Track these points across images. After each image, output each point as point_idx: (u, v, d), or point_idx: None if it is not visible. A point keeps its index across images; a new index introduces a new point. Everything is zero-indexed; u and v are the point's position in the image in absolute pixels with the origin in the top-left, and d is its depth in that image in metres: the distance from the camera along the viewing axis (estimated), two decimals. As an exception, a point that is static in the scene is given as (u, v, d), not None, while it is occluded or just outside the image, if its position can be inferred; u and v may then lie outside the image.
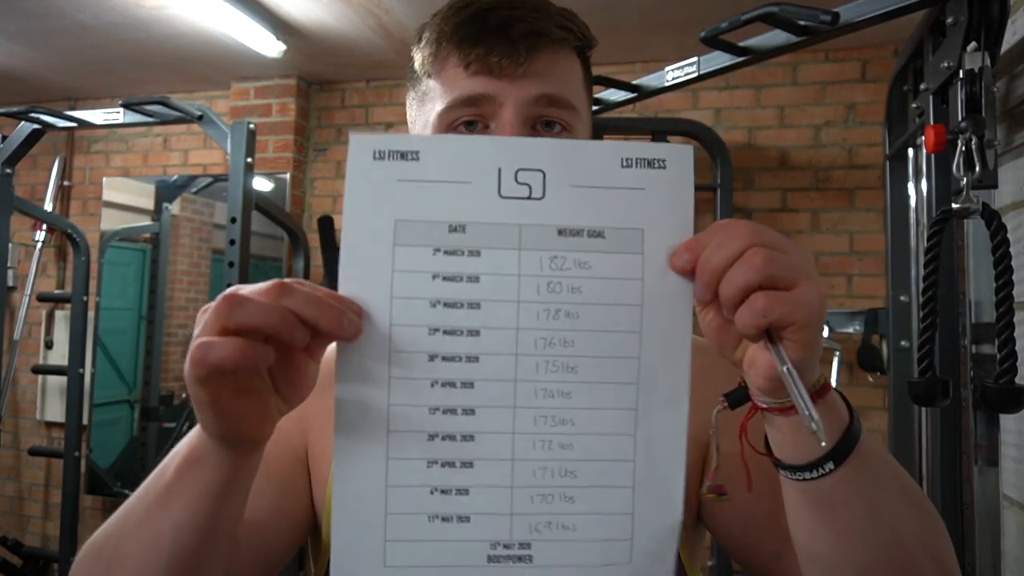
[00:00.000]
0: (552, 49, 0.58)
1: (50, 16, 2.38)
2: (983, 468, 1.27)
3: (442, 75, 0.59)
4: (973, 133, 1.16)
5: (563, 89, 0.58)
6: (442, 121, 0.59)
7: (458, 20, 0.58)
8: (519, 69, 0.56)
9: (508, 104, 0.57)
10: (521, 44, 0.56)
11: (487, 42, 0.56)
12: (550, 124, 0.59)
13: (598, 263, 0.44)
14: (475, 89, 0.57)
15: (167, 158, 3.22)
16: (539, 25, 0.57)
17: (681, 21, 2.27)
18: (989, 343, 1.31)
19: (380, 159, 0.43)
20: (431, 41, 0.60)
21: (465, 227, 0.43)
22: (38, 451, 2.86)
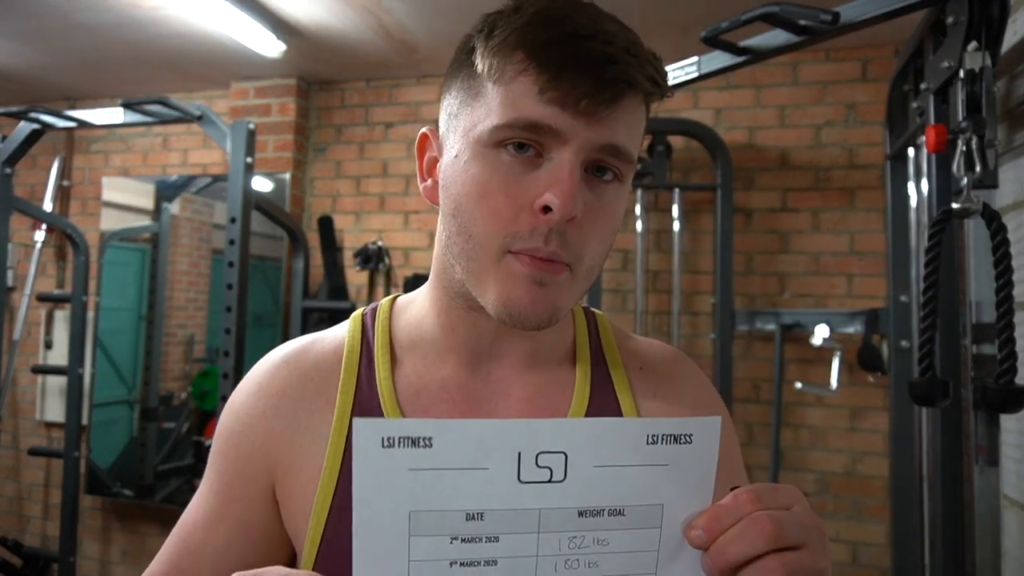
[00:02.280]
0: (634, 98, 0.53)
1: (49, 16, 2.38)
2: (983, 468, 1.27)
3: (509, 86, 0.52)
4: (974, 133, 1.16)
5: (630, 141, 0.54)
6: (493, 136, 0.53)
7: (548, 36, 0.51)
8: (597, 114, 0.51)
9: (573, 144, 0.52)
10: (609, 90, 0.51)
11: (573, 76, 0.50)
12: (602, 170, 0.54)
13: (616, 539, 0.44)
14: (544, 117, 0.51)
15: (167, 158, 3.22)
16: (632, 73, 0.51)
17: (681, 21, 2.27)
18: (989, 343, 1.31)
19: (389, 446, 0.40)
20: (507, 43, 0.52)
21: (483, 515, 0.42)
22: (38, 451, 2.86)
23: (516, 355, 0.63)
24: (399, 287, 2.84)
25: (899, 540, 2.11)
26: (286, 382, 0.63)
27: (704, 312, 2.54)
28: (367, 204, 2.93)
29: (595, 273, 0.58)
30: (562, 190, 0.51)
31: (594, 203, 0.54)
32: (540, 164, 0.53)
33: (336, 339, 0.66)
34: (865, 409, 2.36)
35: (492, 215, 0.53)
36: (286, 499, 0.61)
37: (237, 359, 2.00)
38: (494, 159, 0.53)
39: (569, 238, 0.53)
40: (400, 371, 0.63)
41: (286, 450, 0.61)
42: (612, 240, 0.58)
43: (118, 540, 3.15)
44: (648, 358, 0.68)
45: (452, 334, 0.63)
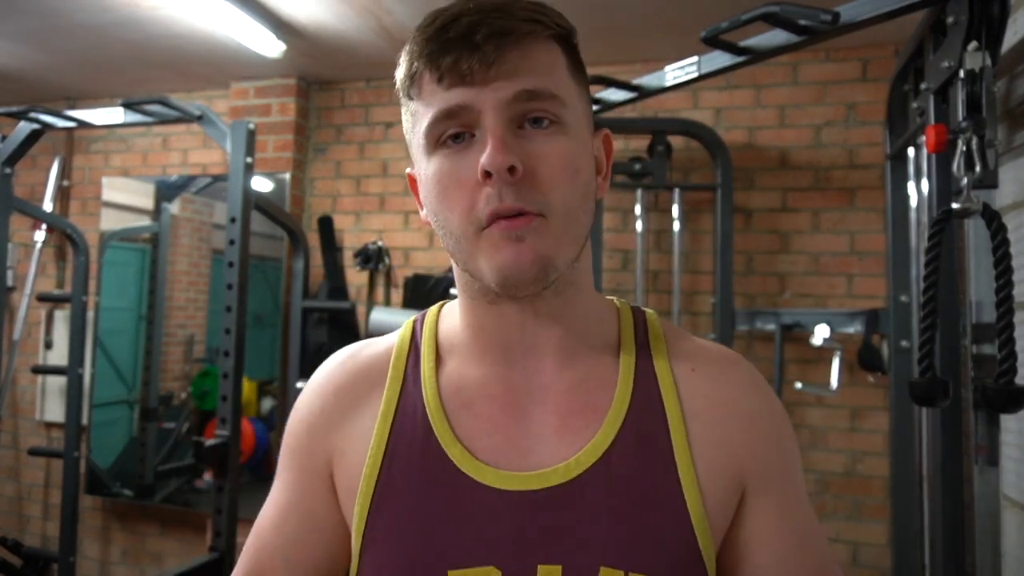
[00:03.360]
0: (523, 45, 0.57)
1: (49, 16, 2.38)
2: (983, 468, 1.27)
3: (422, 94, 0.59)
4: (974, 133, 1.16)
5: (542, 81, 0.57)
6: (430, 139, 0.58)
7: (425, 36, 0.58)
8: (490, 71, 0.55)
9: (487, 111, 0.56)
10: (487, 46, 0.55)
11: (454, 51, 0.55)
12: (537, 121, 0.57)
13: None
14: (452, 101, 0.56)
15: (166, 158, 3.22)
16: (502, 24, 0.55)
17: (681, 21, 2.27)
18: (989, 343, 1.31)
19: None
20: (407, 62, 0.60)
21: None
22: (38, 451, 2.86)
23: (551, 346, 0.64)
24: (399, 287, 2.84)
25: (899, 540, 2.11)
26: (340, 380, 0.69)
27: (704, 312, 2.54)
28: (367, 204, 2.93)
29: (581, 220, 0.59)
30: (488, 151, 0.54)
31: (536, 151, 0.56)
32: (473, 144, 0.57)
33: (388, 342, 0.71)
34: (865, 409, 2.36)
35: (456, 204, 0.57)
36: (338, 483, 0.65)
37: (237, 359, 2.00)
38: (440, 158, 0.58)
39: (523, 190, 0.55)
40: (443, 370, 0.66)
41: (340, 440, 0.66)
42: (582, 183, 0.59)
43: (118, 540, 3.15)
44: (702, 359, 0.66)
45: (482, 333, 0.65)
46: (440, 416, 0.63)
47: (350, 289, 2.89)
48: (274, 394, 2.89)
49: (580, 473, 0.59)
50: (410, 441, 0.63)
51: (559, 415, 0.62)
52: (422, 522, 0.59)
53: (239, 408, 2.01)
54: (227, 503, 1.97)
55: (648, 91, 1.89)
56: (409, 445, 0.62)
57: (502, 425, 0.62)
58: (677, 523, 0.58)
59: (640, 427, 0.61)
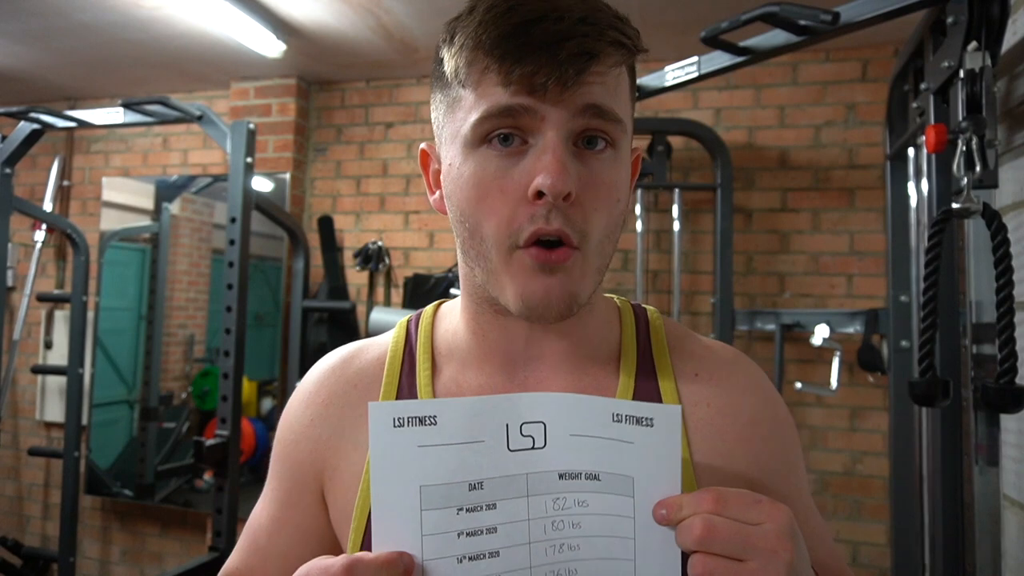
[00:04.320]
0: (604, 64, 0.53)
1: (50, 16, 2.38)
2: (983, 468, 1.27)
3: (478, 87, 0.53)
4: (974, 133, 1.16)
5: (610, 101, 0.53)
6: (476, 133, 0.53)
7: (499, 32, 0.51)
8: (566, 91, 0.51)
9: (551, 120, 0.52)
10: (570, 66, 0.50)
11: (532, 61, 0.50)
12: (592, 141, 0.54)
13: (595, 501, 0.49)
14: (515, 101, 0.52)
15: (167, 158, 3.22)
16: (589, 44, 0.51)
17: (681, 21, 2.27)
18: (990, 343, 1.31)
19: (400, 426, 0.46)
20: (466, 48, 0.53)
21: (483, 483, 0.48)
22: (38, 451, 2.86)
23: (554, 357, 0.62)
24: (399, 287, 2.84)
25: (899, 540, 2.11)
26: (331, 390, 0.66)
27: (704, 312, 2.54)
28: (367, 204, 2.93)
29: (607, 250, 0.57)
30: (549, 171, 0.51)
31: (588, 176, 0.53)
32: (526, 152, 0.53)
33: (380, 346, 0.68)
34: (865, 409, 2.36)
35: (493, 213, 0.54)
36: (332, 502, 0.64)
37: (237, 359, 2.00)
38: (483, 158, 0.54)
39: (571, 215, 0.53)
40: (439, 378, 0.64)
41: (332, 455, 0.64)
42: (619, 213, 0.57)
43: (118, 540, 3.15)
44: (705, 364, 0.64)
45: (484, 341, 0.63)
46: None
47: (350, 289, 2.89)
48: (274, 394, 2.89)
49: None
50: None
51: None
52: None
53: (239, 408, 2.01)
54: (227, 503, 1.97)
55: (648, 91, 1.89)
56: None
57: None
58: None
59: None
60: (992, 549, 1.26)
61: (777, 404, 0.65)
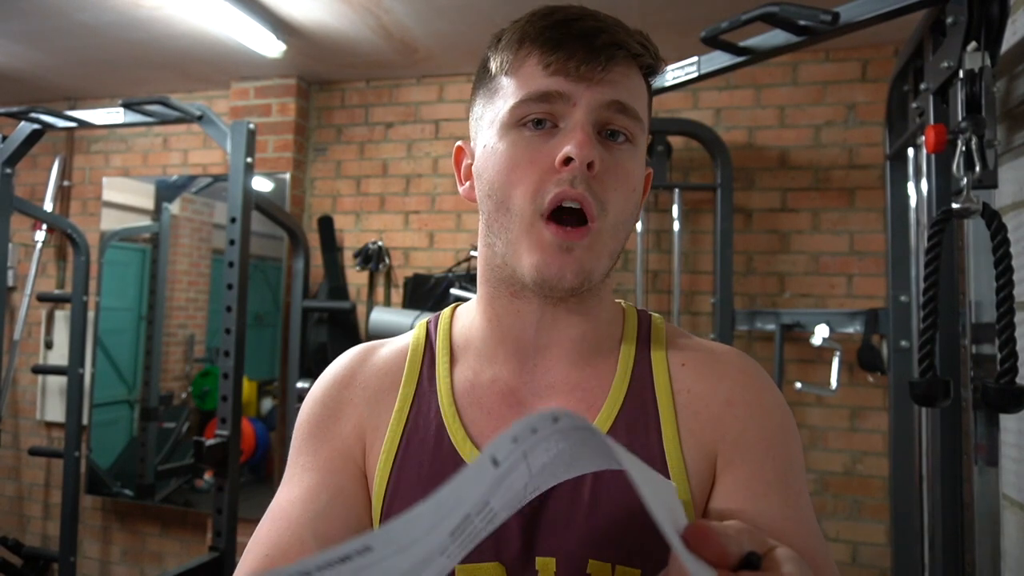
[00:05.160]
0: (628, 63, 0.61)
1: (50, 16, 2.38)
2: (983, 468, 1.27)
3: (519, 73, 0.61)
4: (973, 133, 1.16)
5: (633, 100, 0.61)
6: (513, 115, 0.60)
7: (544, 24, 0.60)
8: (596, 76, 0.59)
9: (581, 105, 0.59)
10: (603, 53, 0.59)
11: (569, 47, 0.59)
12: (614, 134, 0.61)
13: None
14: (551, 86, 0.59)
15: (167, 158, 3.22)
16: (620, 38, 0.60)
17: (681, 21, 2.27)
18: (989, 343, 1.31)
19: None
20: (513, 41, 0.62)
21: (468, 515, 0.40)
22: (38, 451, 2.86)
23: (562, 347, 0.66)
24: (399, 287, 2.84)
25: (899, 540, 2.11)
26: (362, 373, 0.71)
27: (704, 312, 2.54)
28: (367, 204, 2.93)
29: (621, 235, 0.63)
30: (577, 141, 0.58)
31: (609, 160, 0.60)
32: (556, 134, 0.60)
33: (403, 342, 0.73)
34: (865, 409, 2.36)
35: (521, 182, 0.60)
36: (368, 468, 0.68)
37: (237, 359, 2.00)
38: (517, 136, 0.61)
39: (593, 186, 0.59)
40: (457, 369, 0.69)
41: (370, 431, 0.68)
42: (634, 203, 0.63)
43: (118, 540, 3.15)
44: (692, 355, 0.68)
45: (499, 327, 0.67)
46: (453, 414, 0.65)
47: (350, 289, 2.89)
48: (274, 394, 2.89)
49: None
50: (423, 439, 0.65)
51: None
52: None
53: (239, 408, 2.01)
54: (227, 503, 1.97)
55: (648, 91, 1.89)
56: (422, 443, 0.65)
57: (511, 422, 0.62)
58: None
59: (632, 422, 0.63)
60: (992, 549, 1.26)
61: (762, 392, 0.66)
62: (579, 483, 0.60)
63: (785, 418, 0.66)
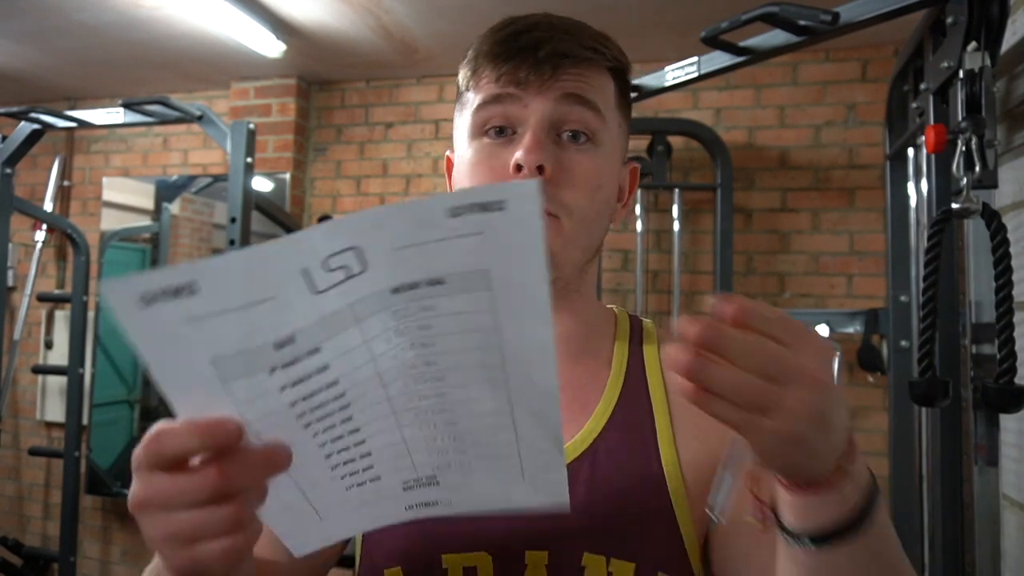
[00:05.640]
0: (580, 67, 0.62)
1: (50, 16, 2.38)
2: (983, 468, 1.27)
3: (478, 87, 0.64)
4: (973, 133, 1.16)
5: (588, 93, 0.62)
6: (475, 123, 0.63)
7: (493, 39, 0.63)
8: (545, 83, 0.61)
9: (533, 107, 0.61)
10: (547, 63, 0.60)
11: (516, 59, 0.61)
12: (576, 135, 0.62)
13: (444, 304, 0.41)
14: (503, 89, 0.61)
15: (167, 158, 3.22)
16: (565, 47, 0.61)
17: (681, 21, 2.27)
18: (989, 343, 1.31)
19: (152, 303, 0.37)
20: (471, 59, 0.65)
21: (293, 336, 0.39)
22: (38, 451, 2.86)
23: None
24: (399, 287, 2.84)
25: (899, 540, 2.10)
26: None
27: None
28: (367, 204, 2.93)
29: (594, 231, 0.64)
30: (526, 147, 0.59)
31: (567, 161, 0.61)
32: (515, 140, 0.62)
33: None
34: (865, 409, 2.36)
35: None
36: None
37: (237, 359, 2.00)
38: (479, 145, 0.63)
39: (546, 189, 0.58)
40: None
41: None
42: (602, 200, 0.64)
43: (118, 540, 3.15)
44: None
45: None
46: None
47: (350, 289, 2.89)
48: (274, 394, 2.89)
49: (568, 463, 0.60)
50: None
51: None
52: None
53: (239, 408, 2.01)
54: (227, 503, 1.97)
55: (648, 91, 1.89)
56: None
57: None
58: (658, 512, 0.61)
59: (627, 419, 0.64)
60: (992, 549, 1.26)
61: None
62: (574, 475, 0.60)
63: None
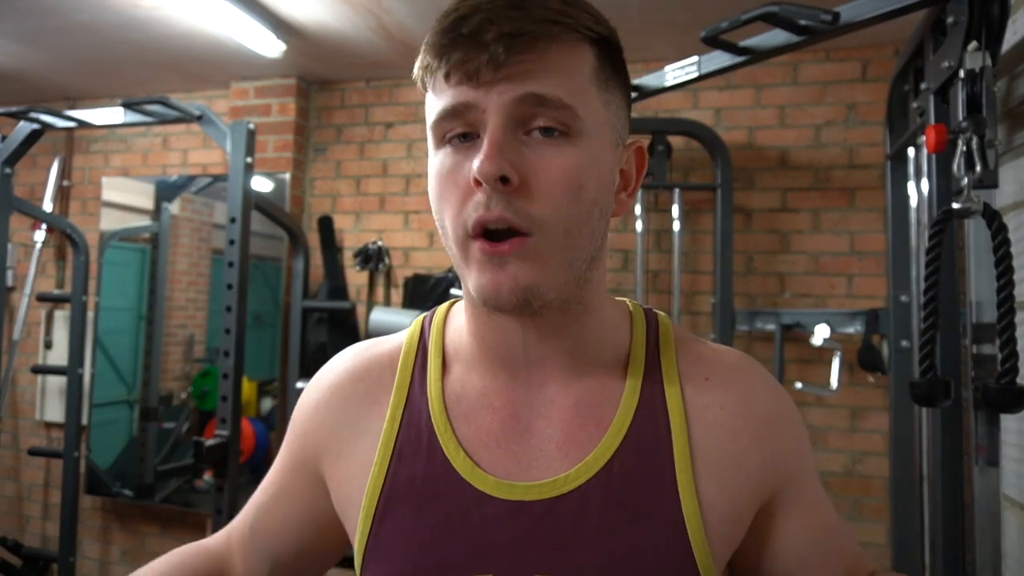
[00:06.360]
0: (537, 47, 0.52)
1: (50, 16, 2.38)
2: (983, 468, 1.27)
3: (433, 87, 0.56)
4: (974, 133, 1.16)
5: (553, 87, 0.52)
6: (436, 134, 0.56)
7: (439, 29, 0.54)
8: (498, 72, 0.52)
9: (490, 110, 0.53)
10: (496, 46, 0.51)
11: (461, 49, 0.52)
12: (548, 130, 0.53)
13: None
14: (456, 99, 0.53)
15: (166, 158, 3.22)
16: (514, 25, 0.51)
17: (681, 21, 2.27)
18: (990, 343, 1.30)
19: None
20: (421, 54, 0.57)
21: None
22: (38, 451, 2.86)
23: (555, 360, 0.62)
24: (399, 287, 2.84)
25: (899, 540, 2.11)
26: (339, 380, 0.69)
27: (704, 312, 2.54)
28: (367, 204, 2.93)
29: (580, 242, 0.56)
30: (482, 156, 0.51)
31: (536, 162, 0.53)
32: (478, 145, 0.54)
33: (395, 342, 0.70)
34: (865, 409, 2.36)
35: (449, 206, 0.56)
36: (335, 485, 0.67)
37: (237, 359, 2.00)
38: (443, 155, 0.56)
39: (514, 202, 0.52)
40: (449, 376, 0.65)
41: (333, 440, 0.67)
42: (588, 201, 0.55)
43: (118, 540, 3.15)
44: (715, 367, 0.64)
45: (482, 342, 0.63)
46: (445, 424, 0.62)
47: (350, 289, 2.89)
48: (274, 394, 2.89)
49: (578, 486, 0.58)
50: (416, 447, 0.62)
51: (563, 429, 0.61)
52: (424, 528, 0.60)
53: (239, 408, 2.01)
54: (227, 503, 1.97)
55: (648, 91, 1.89)
56: (415, 451, 0.62)
57: (502, 438, 0.61)
58: (673, 539, 0.57)
59: (642, 441, 0.60)
60: (992, 549, 1.26)
61: (788, 401, 0.66)
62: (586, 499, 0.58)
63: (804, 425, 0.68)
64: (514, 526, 0.58)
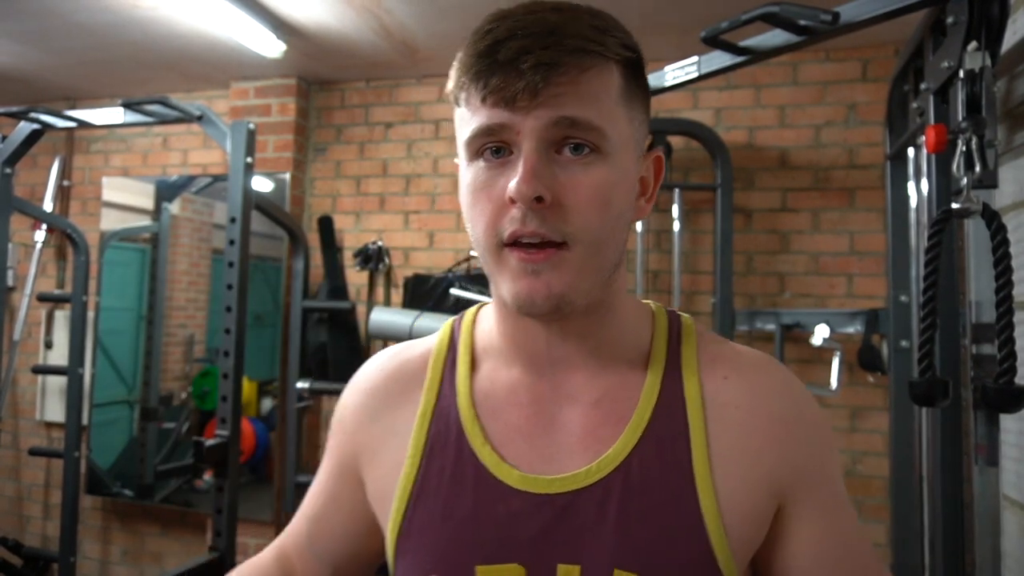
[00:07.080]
0: (570, 73, 0.56)
1: (49, 16, 2.38)
2: (983, 468, 1.27)
3: (467, 104, 0.59)
4: (973, 133, 1.16)
5: (585, 111, 0.56)
6: (470, 148, 0.59)
7: (475, 51, 0.57)
8: (534, 99, 0.55)
9: (525, 132, 0.56)
10: (533, 76, 0.54)
11: (499, 75, 0.55)
12: (578, 148, 0.57)
13: None
14: (493, 119, 0.57)
15: (167, 158, 3.22)
16: (550, 55, 0.55)
17: (681, 21, 2.27)
18: (989, 343, 1.31)
19: None
20: (457, 70, 0.60)
21: None
22: (38, 451, 2.86)
23: (579, 358, 0.65)
24: (399, 287, 2.84)
25: (899, 540, 2.11)
26: (374, 380, 0.73)
27: (704, 312, 2.54)
28: (367, 204, 2.93)
29: (608, 251, 0.60)
30: (519, 177, 0.55)
31: (568, 181, 0.57)
32: (512, 161, 0.57)
33: (427, 344, 0.74)
34: (865, 409, 2.36)
35: (482, 216, 0.59)
36: (369, 483, 0.70)
37: (237, 359, 2.00)
38: (477, 168, 0.59)
39: (548, 218, 0.56)
40: (478, 374, 0.69)
41: (368, 439, 0.71)
42: (616, 214, 0.59)
43: (118, 540, 3.15)
44: (735, 366, 0.65)
45: (511, 341, 0.67)
46: (472, 420, 0.66)
47: (350, 289, 2.89)
48: (274, 394, 2.89)
49: (600, 479, 0.61)
50: (445, 443, 0.66)
51: (585, 425, 0.64)
52: (453, 520, 0.63)
53: (239, 408, 2.01)
54: (227, 503, 1.97)
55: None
56: (444, 446, 0.66)
57: (528, 433, 0.64)
58: (691, 530, 0.59)
59: (661, 435, 0.62)
60: (992, 549, 1.26)
61: (810, 406, 0.66)
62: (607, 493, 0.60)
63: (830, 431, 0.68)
64: (539, 518, 0.61)
